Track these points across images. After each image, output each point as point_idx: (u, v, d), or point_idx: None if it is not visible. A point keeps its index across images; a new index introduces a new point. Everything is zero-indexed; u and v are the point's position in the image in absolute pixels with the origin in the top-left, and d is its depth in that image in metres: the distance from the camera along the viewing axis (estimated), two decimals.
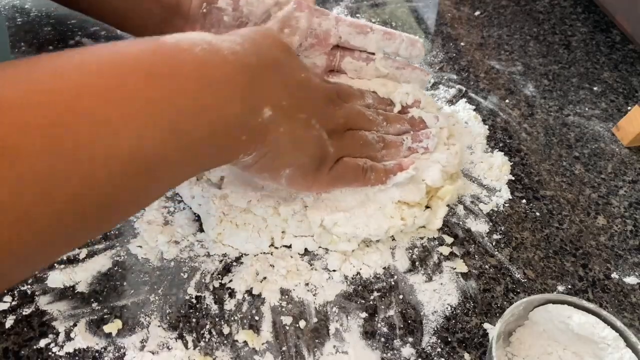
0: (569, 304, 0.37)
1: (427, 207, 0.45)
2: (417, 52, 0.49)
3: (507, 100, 0.59)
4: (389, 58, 0.49)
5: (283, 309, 0.39)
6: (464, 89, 0.59)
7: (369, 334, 0.38)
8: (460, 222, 0.46)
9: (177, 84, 0.28)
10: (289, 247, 0.43)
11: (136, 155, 0.26)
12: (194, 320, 0.38)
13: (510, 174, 0.51)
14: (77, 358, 0.36)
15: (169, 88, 0.28)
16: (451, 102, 0.57)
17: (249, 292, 0.40)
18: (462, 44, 0.66)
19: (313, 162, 0.38)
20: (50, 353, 0.35)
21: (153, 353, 0.36)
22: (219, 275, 0.41)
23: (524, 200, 0.49)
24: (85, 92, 0.25)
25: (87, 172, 0.24)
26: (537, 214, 0.48)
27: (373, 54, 0.48)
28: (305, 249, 0.43)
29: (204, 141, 0.30)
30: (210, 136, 0.31)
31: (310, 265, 0.42)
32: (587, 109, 0.59)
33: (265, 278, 0.41)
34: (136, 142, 0.26)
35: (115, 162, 0.25)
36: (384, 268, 0.42)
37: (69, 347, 0.36)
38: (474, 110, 0.56)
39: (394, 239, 0.44)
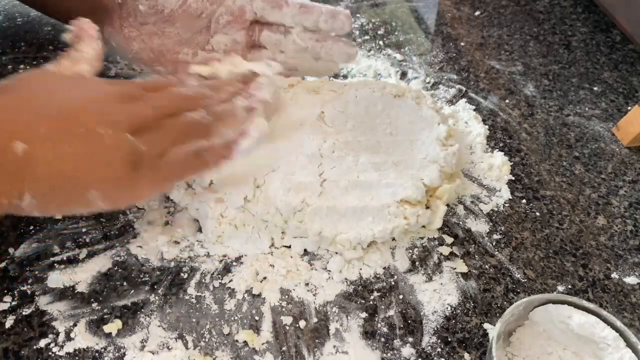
0: (569, 304, 0.37)
1: (426, 207, 0.45)
2: (339, 25, 0.46)
3: (507, 100, 0.59)
4: (309, 31, 0.47)
5: (283, 309, 0.39)
6: (464, 89, 0.59)
7: (369, 334, 0.38)
8: (460, 222, 0.46)
9: None
10: (289, 247, 0.43)
11: None
12: (194, 320, 0.38)
13: (510, 174, 0.51)
14: (77, 358, 0.35)
15: None
16: (451, 102, 0.57)
17: (249, 292, 0.40)
18: (462, 44, 0.66)
19: (119, 171, 0.34)
20: (50, 353, 0.35)
21: (153, 353, 0.36)
22: (219, 275, 0.41)
23: (524, 200, 0.49)
24: None
25: None
26: (537, 214, 0.48)
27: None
28: (305, 250, 0.43)
29: None
30: None
31: (310, 265, 0.42)
32: (587, 109, 0.59)
33: (265, 278, 0.41)
34: None
35: None
36: (384, 268, 0.42)
37: (69, 347, 0.36)
38: (474, 110, 0.56)
39: (394, 239, 0.44)
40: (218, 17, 0.47)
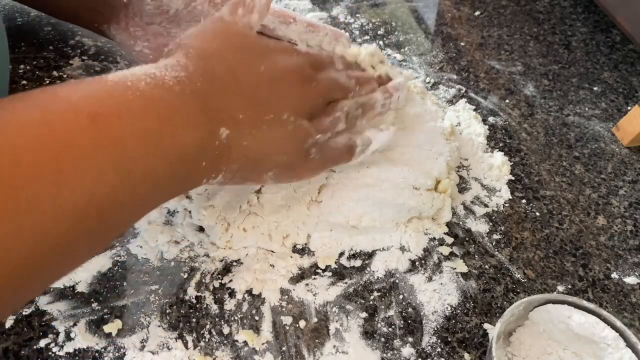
0: (569, 304, 0.37)
1: None
2: (340, 47, 0.48)
3: (507, 100, 0.59)
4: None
5: (283, 309, 0.39)
6: (464, 89, 0.59)
7: (369, 334, 0.38)
8: (460, 222, 0.46)
9: (124, 123, 0.27)
10: (304, 246, 0.43)
11: (87, 204, 0.25)
12: (194, 320, 0.38)
13: (510, 174, 0.51)
14: (77, 358, 0.35)
15: (116, 129, 0.27)
16: (451, 102, 0.57)
17: (249, 292, 0.40)
18: (462, 44, 0.66)
19: (297, 156, 0.37)
20: (50, 353, 0.35)
21: (153, 353, 0.36)
22: (219, 275, 0.41)
23: (524, 200, 0.49)
24: (29, 145, 0.24)
25: (38, 228, 0.23)
26: (537, 214, 0.48)
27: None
28: (306, 247, 0.43)
29: (158, 178, 0.29)
30: (165, 172, 0.29)
31: (311, 264, 0.42)
32: (587, 109, 0.59)
33: (265, 278, 0.41)
34: (87, 192, 0.25)
35: (65, 214, 0.24)
36: (384, 268, 0.42)
37: (69, 347, 0.36)
38: (474, 110, 0.56)
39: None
40: None
